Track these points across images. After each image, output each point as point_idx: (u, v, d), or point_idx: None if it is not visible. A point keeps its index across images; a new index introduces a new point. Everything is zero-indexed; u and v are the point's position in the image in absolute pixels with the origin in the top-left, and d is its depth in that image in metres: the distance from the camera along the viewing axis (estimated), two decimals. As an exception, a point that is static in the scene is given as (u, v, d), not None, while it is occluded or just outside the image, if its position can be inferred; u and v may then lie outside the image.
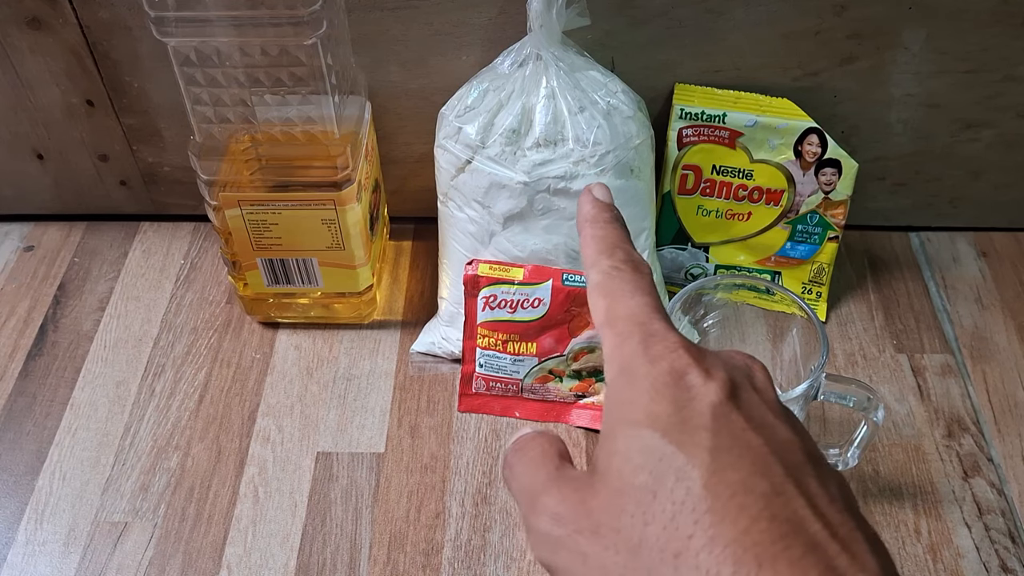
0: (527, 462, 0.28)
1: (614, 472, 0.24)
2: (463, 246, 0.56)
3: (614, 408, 0.26)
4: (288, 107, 0.51)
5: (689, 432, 0.24)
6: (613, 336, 0.27)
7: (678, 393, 0.24)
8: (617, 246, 0.29)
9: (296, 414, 0.57)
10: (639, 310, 0.27)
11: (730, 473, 0.23)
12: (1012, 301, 0.63)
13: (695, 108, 0.57)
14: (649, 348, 0.26)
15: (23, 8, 0.56)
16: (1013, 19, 0.55)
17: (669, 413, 0.24)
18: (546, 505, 0.26)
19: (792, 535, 0.22)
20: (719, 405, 0.24)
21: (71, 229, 0.69)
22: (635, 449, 0.24)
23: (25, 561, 0.50)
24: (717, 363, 0.25)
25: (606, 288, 0.28)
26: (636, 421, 0.24)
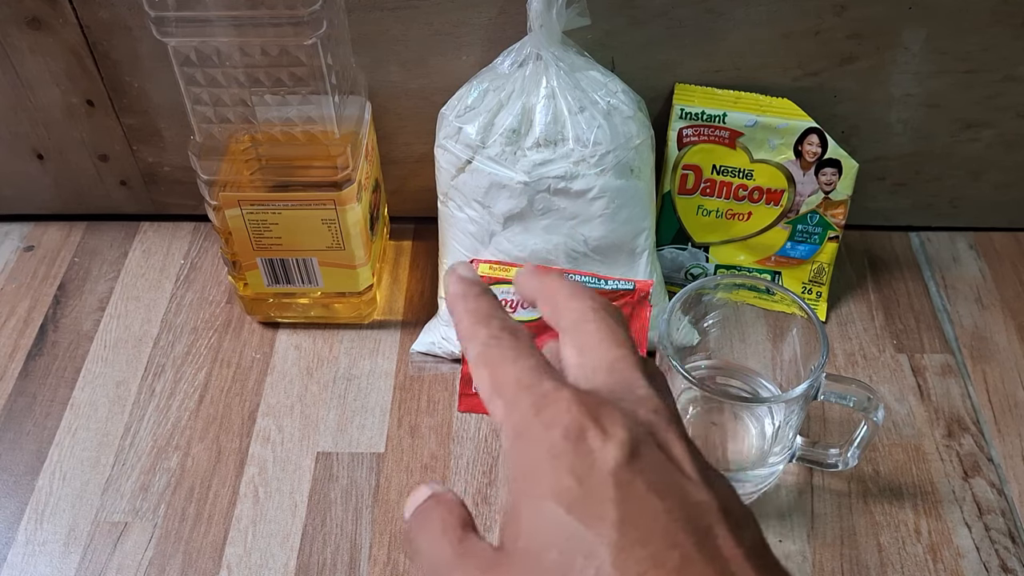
0: (428, 536, 0.27)
1: (521, 551, 0.24)
2: (463, 246, 0.56)
3: (516, 480, 0.25)
4: (288, 107, 0.51)
5: (594, 505, 0.23)
6: (502, 405, 0.26)
7: (577, 460, 0.23)
8: (492, 316, 0.28)
9: (296, 414, 0.57)
10: (524, 374, 0.26)
11: (638, 549, 0.22)
12: (1012, 301, 0.63)
13: (695, 108, 0.57)
14: (541, 412, 0.25)
15: (23, 8, 0.56)
16: (1013, 19, 0.55)
17: (571, 486, 0.23)
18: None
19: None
20: (620, 470, 0.23)
21: (71, 229, 0.69)
22: (542, 526, 0.23)
23: (25, 561, 0.50)
24: (615, 418, 0.24)
25: (487, 358, 0.27)
26: (540, 495, 0.24)
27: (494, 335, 0.27)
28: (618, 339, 0.27)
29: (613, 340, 0.27)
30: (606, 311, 0.28)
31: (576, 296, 0.29)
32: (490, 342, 0.27)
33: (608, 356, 0.27)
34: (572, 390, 0.25)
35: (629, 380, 0.26)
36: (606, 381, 0.26)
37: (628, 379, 0.26)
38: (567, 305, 0.29)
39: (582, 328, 0.28)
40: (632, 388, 0.26)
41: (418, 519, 0.27)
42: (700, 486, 0.24)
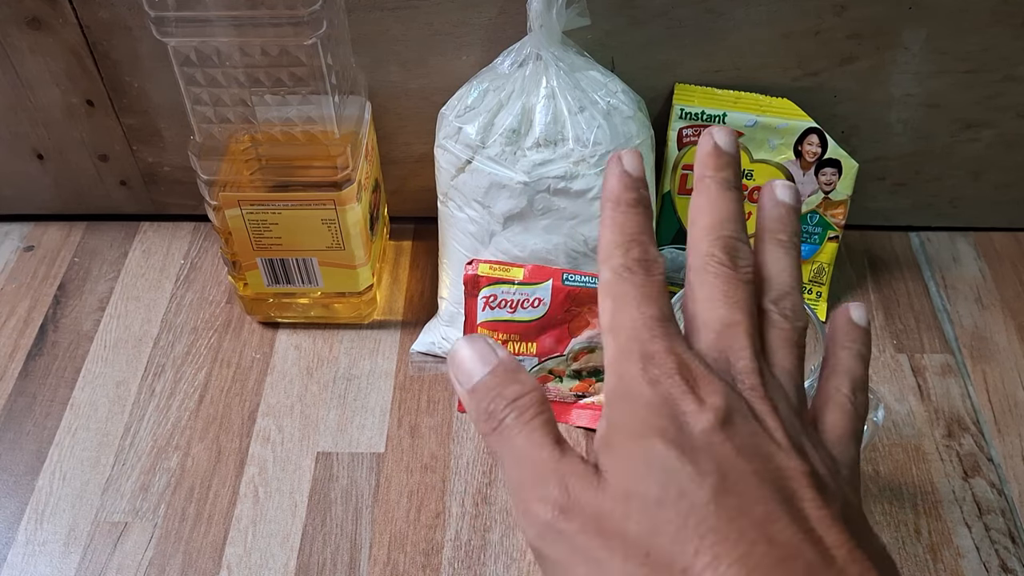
0: (529, 429, 0.26)
1: (620, 477, 0.24)
2: (463, 246, 0.56)
3: (617, 421, 0.26)
4: (288, 107, 0.51)
5: (691, 452, 0.24)
6: (615, 346, 0.27)
7: (674, 418, 0.24)
8: (634, 240, 0.28)
9: (296, 414, 0.57)
10: (642, 325, 0.26)
11: (728, 497, 0.23)
12: (1012, 301, 0.63)
13: (695, 108, 0.57)
14: (647, 370, 0.25)
15: (23, 8, 0.56)
16: (1013, 19, 0.55)
17: (671, 429, 0.24)
18: (550, 495, 0.25)
19: (790, 559, 0.22)
20: (712, 433, 0.24)
21: (71, 229, 0.69)
22: (642, 458, 0.24)
23: (25, 561, 0.50)
24: (713, 389, 0.25)
25: (614, 291, 0.27)
26: (641, 432, 0.25)
27: (628, 266, 0.27)
28: (732, 299, 0.27)
29: (727, 300, 0.27)
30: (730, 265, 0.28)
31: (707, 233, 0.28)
32: (622, 274, 0.27)
33: (720, 319, 0.27)
34: (678, 357, 0.25)
35: (735, 349, 0.27)
36: (714, 343, 0.27)
37: (734, 348, 0.27)
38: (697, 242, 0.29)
39: (703, 277, 0.28)
40: (737, 358, 0.26)
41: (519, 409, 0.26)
42: (790, 453, 0.25)
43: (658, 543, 0.23)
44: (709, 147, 0.30)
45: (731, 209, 0.29)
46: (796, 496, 0.24)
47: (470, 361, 0.28)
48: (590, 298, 0.52)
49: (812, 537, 0.23)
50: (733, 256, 0.28)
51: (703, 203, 0.29)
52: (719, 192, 0.29)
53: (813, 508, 0.23)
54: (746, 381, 0.26)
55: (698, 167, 0.30)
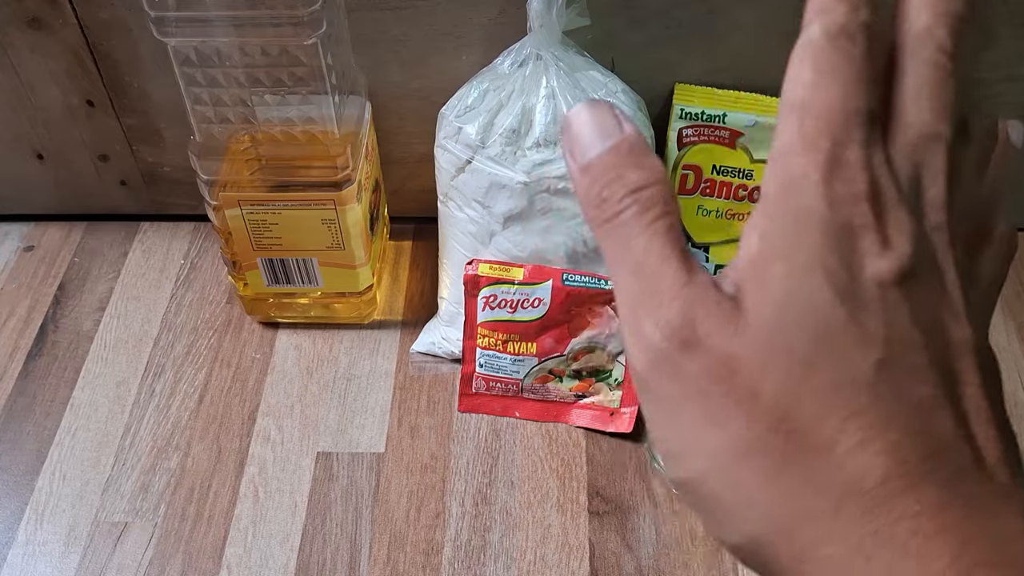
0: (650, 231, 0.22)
1: (767, 320, 0.20)
2: (463, 246, 0.56)
3: (774, 239, 0.21)
4: (288, 107, 0.51)
5: (861, 310, 0.20)
6: (797, 134, 0.21)
7: (851, 255, 0.20)
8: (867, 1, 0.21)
9: (296, 414, 0.57)
10: (843, 120, 0.21)
11: (891, 373, 0.20)
12: (1012, 301, 0.63)
13: (695, 108, 0.57)
14: (833, 183, 0.20)
15: (23, 8, 0.56)
16: (1013, 19, 0.55)
17: (842, 275, 0.20)
18: (672, 320, 0.21)
19: (940, 455, 0.20)
20: (888, 287, 0.20)
21: (71, 229, 0.69)
22: (800, 299, 0.20)
23: (25, 561, 0.50)
24: (902, 226, 0.21)
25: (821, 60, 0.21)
26: (803, 264, 0.20)
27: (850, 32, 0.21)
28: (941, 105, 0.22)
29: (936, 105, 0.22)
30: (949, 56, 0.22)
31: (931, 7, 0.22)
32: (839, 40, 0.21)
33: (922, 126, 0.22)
34: (872, 175, 0.20)
35: (932, 169, 0.22)
36: (910, 156, 0.22)
37: (930, 166, 0.22)
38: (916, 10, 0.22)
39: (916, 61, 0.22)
40: (932, 182, 0.22)
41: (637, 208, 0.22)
42: (962, 321, 0.21)
43: (798, 410, 0.20)
44: None
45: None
46: (960, 379, 0.21)
47: (589, 130, 0.23)
48: (590, 298, 0.52)
49: (967, 433, 0.20)
50: (958, 41, 0.22)
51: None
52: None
53: (975, 394, 0.21)
54: (934, 217, 0.22)
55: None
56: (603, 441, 0.55)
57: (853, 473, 0.19)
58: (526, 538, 0.51)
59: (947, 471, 0.20)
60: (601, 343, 0.54)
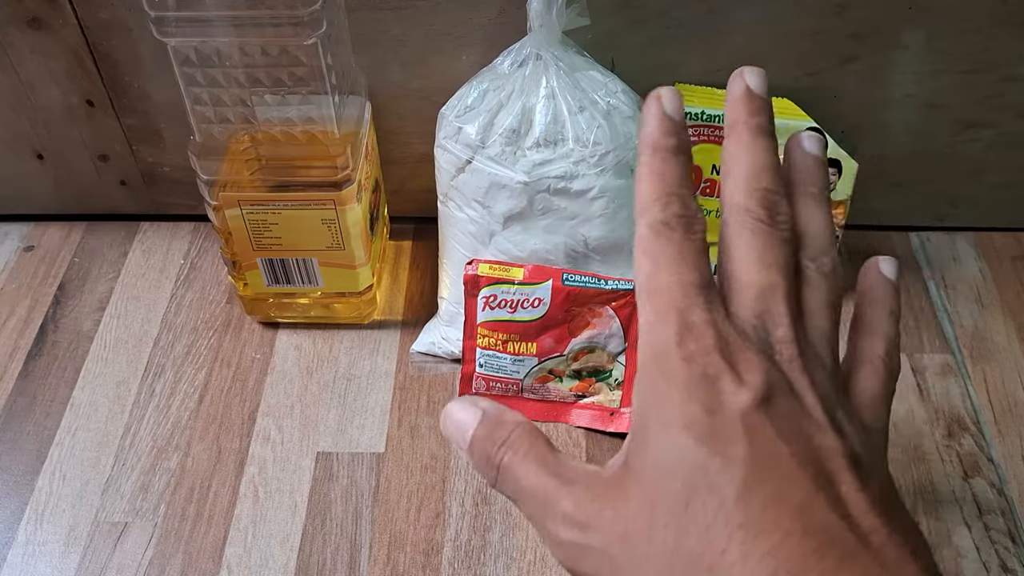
0: (526, 464, 0.26)
1: (647, 476, 0.24)
2: (463, 246, 0.56)
3: (649, 400, 0.24)
4: (288, 107, 0.51)
5: (722, 441, 0.23)
6: (650, 312, 0.25)
7: (709, 398, 0.23)
8: (673, 193, 0.26)
9: (296, 414, 0.57)
10: (680, 291, 0.24)
11: (762, 486, 0.22)
12: (1012, 301, 0.63)
13: (695, 108, 0.57)
14: (684, 343, 0.24)
15: (23, 8, 0.56)
16: (1013, 19, 0.55)
17: (702, 418, 0.23)
18: (565, 512, 0.25)
19: (825, 547, 0.22)
20: (749, 414, 0.23)
21: (71, 229, 0.69)
22: (669, 454, 0.23)
23: (25, 561, 0.50)
24: (752, 365, 0.24)
25: (651, 249, 0.25)
26: (670, 422, 0.24)
27: (666, 222, 0.25)
28: (769, 260, 0.25)
29: (763, 262, 0.26)
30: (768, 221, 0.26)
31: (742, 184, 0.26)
32: (660, 231, 0.25)
33: (758, 283, 0.25)
34: (717, 330, 0.24)
35: (773, 315, 0.25)
36: (752, 310, 0.25)
37: (772, 313, 0.25)
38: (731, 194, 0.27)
39: (740, 234, 0.26)
40: (775, 325, 0.25)
41: (510, 445, 0.27)
42: (828, 432, 0.24)
43: (688, 541, 0.22)
44: (741, 91, 0.28)
45: (767, 158, 0.27)
46: (834, 479, 0.23)
47: (457, 423, 0.29)
48: (590, 298, 0.52)
49: (850, 523, 0.22)
50: (771, 211, 0.26)
51: (737, 151, 0.27)
52: (752, 139, 0.27)
53: (851, 490, 0.23)
54: (784, 352, 0.25)
55: (730, 112, 0.28)
56: (603, 441, 0.55)
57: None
58: (526, 538, 0.51)
59: (833, 559, 0.21)
60: (601, 343, 0.54)
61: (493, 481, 0.27)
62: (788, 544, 0.22)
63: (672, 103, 0.27)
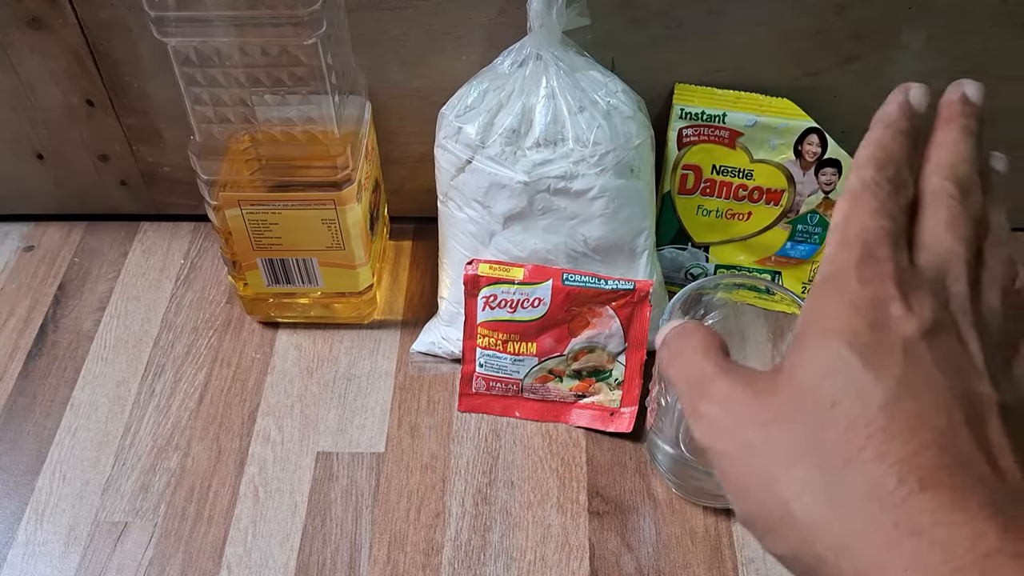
0: (692, 349, 0.29)
1: (800, 375, 0.25)
2: (463, 246, 0.56)
3: (814, 313, 0.26)
4: (288, 107, 0.51)
5: (880, 356, 0.24)
6: (837, 242, 0.27)
7: (877, 317, 0.25)
8: (893, 161, 0.28)
9: (296, 414, 0.57)
10: (873, 231, 0.26)
11: (909, 402, 0.23)
12: (1012, 301, 0.63)
13: (695, 108, 0.57)
14: (863, 268, 0.26)
15: (23, 8, 0.56)
16: (1013, 19, 0.55)
17: (865, 332, 0.24)
18: (718, 392, 0.27)
19: (958, 467, 0.22)
20: (911, 341, 0.24)
21: (71, 229, 0.69)
22: (825, 358, 0.25)
23: (25, 561, 0.50)
24: (924, 301, 0.25)
25: (856, 196, 0.27)
26: (832, 331, 0.25)
27: (878, 180, 0.27)
28: (958, 232, 0.27)
29: (952, 230, 0.27)
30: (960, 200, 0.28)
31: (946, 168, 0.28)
32: (870, 184, 0.27)
33: (942, 244, 0.27)
34: (900, 266, 0.26)
35: (952, 272, 0.26)
36: (933, 263, 0.26)
37: (951, 271, 0.26)
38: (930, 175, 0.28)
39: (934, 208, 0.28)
40: (953, 280, 0.26)
41: (681, 332, 0.30)
42: (986, 380, 0.25)
43: (824, 437, 0.24)
44: (959, 94, 0.30)
45: (970, 154, 0.29)
46: (984, 420, 0.24)
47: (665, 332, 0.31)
48: (590, 298, 0.52)
49: (988, 457, 0.23)
50: (964, 192, 0.28)
51: (944, 141, 0.29)
52: (962, 136, 0.29)
53: (997, 435, 0.23)
54: (959, 303, 0.26)
55: (944, 111, 0.30)
56: (603, 441, 0.55)
57: (875, 479, 0.23)
58: (526, 538, 0.51)
59: (964, 478, 0.22)
60: (601, 343, 0.54)
61: (667, 364, 0.30)
62: (924, 455, 0.22)
63: (919, 96, 0.30)
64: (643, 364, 0.55)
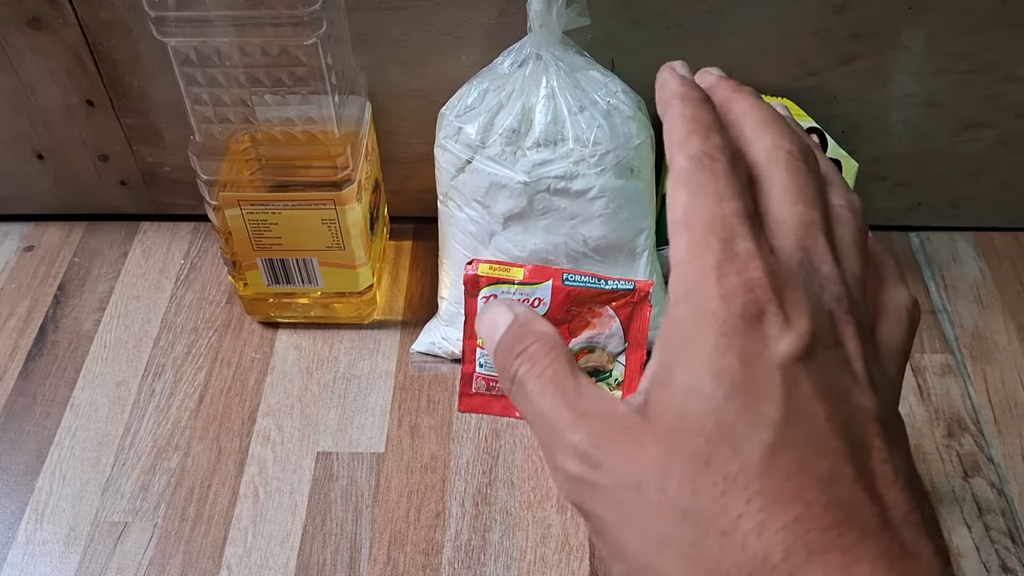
0: (541, 383, 0.25)
1: (667, 424, 0.22)
2: (463, 246, 0.56)
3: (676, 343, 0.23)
4: (288, 107, 0.51)
5: (755, 397, 0.21)
6: (687, 244, 0.23)
7: (748, 345, 0.21)
8: (712, 128, 0.25)
9: (296, 414, 0.57)
10: (722, 219, 0.22)
11: (789, 452, 0.21)
12: (1012, 301, 0.63)
13: (695, 108, 0.57)
14: (724, 277, 0.22)
15: (23, 8, 0.56)
16: (1013, 19, 0.55)
17: (735, 369, 0.21)
18: (579, 443, 0.23)
19: (846, 522, 0.20)
20: (790, 366, 0.21)
21: (71, 229, 0.69)
22: (694, 406, 0.22)
23: (25, 561, 0.50)
24: (800, 304, 0.22)
25: (690, 179, 0.23)
26: (699, 372, 0.22)
27: (709, 152, 0.24)
28: (808, 197, 0.24)
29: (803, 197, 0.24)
30: (800, 158, 0.25)
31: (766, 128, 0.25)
32: (703, 160, 0.24)
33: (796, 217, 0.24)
34: (765, 260, 0.22)
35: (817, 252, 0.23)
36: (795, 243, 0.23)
37: (816, 250, 0.23)
38: (756, 136, 0.25)
39: (772, 172, 0.25)
40: (819, 262, 0.23)
41: (528, 358, 0.25)
42: (866, 389, 0.22)
43: (699, 505, 0.21)
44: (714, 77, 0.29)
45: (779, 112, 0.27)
46: (865, 446, 0.22)
47: (490, 324, 0.27)
48: (590, 298, 0.52)
49: (873, 496, 0.21)
50: (803, 149, 0.25)
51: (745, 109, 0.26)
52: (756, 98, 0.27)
53: (879, 461, 0.22)
54: (832, 290, 0.23)
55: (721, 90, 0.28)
56: (603, 441, 0.55)
57: (757, 553, 0.20)
58: (526, 538, 0.51)
59: (853, 534, 0.20)
60: (601, 343, 0.54)
61: (508, 392, 0.26)
62: (808, 517, 0.20)
63: (684, 68, 0.28)
64: (643, 364, 0.55)
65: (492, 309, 0.27)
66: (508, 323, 0.26)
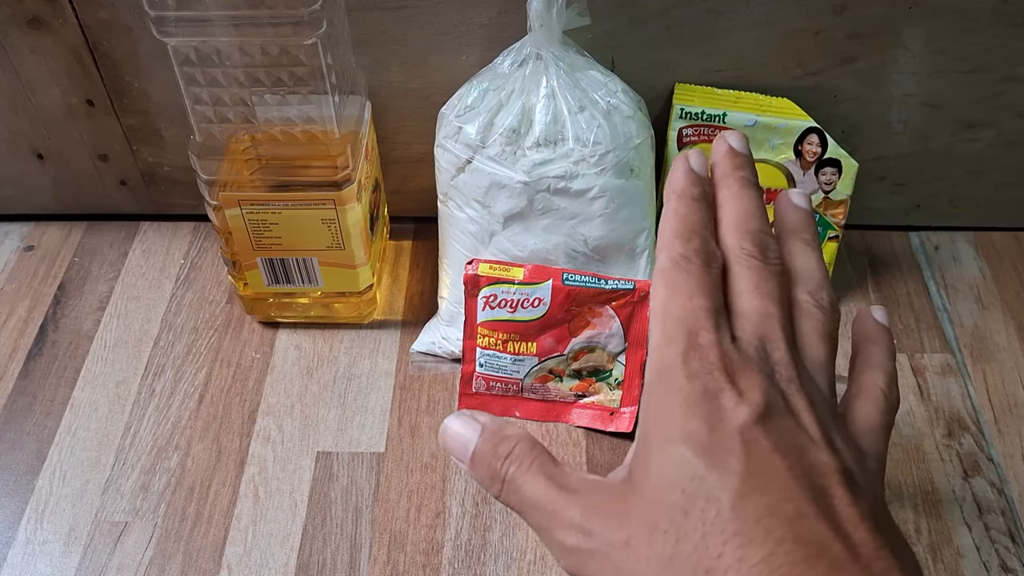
0: (531, 476, 0.28)
1: (649, 486, 0.25)
2: (463, 246, 0.56)
3: (652, 417, 0.26)
4: (288, 107, 0.51)
5: (721, 454, 0.24)
6: (661, 334, 0.27)
7: (710, 413, 0.25)
8: (695, 232, 0.29)
9: (296, 414, 0.57)
10: (692, 315, 0.27)
11: (757, 497, 0.24)
12: (1012, 301, 0.63)
13: (695, 108, 0.57)
14: (688, 362, 0.26)
15: (23, 8, 0.56)
16: (1013, 19, 0.55)
17: (702, 432, 0.25)
18: (572, 518, 0.26)
19: (815, 556, 0.23)
20: (748, 429, 0.25)
21: (71, 229, 0.69)
22: (670, 465, 0.25)
23: (25, 561, 0.50)
24: (753, 383, 0.25)
25: (669, 279, 0.28)
26: (672, 436, 0.25)
27: (687, 255, 0.28)
28: (765, 291, 0.28)
29: (760, 292, 0.28)
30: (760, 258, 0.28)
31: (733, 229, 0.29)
32: (680, 263, 0.28)
33: (756, 309, 0.28)
34: (724, 351, 0.26)
35: (771, 339, 0.27)
36: (753, 333, 0.27)
37: (770, 338, 0.27)
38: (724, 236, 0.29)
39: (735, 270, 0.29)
40: (773, 348, 0.27)
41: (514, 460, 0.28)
42: (823, 449, 0.25)
43: (682, 551, 0.24)
44: (724, 149, 0.31)
45: (755, 205, 0.30)
46: (827, 492, 0.24)
47: (458, 437, 0.29)
48: (590, 298, 0.52)
49: (840, 533, 0.23)
50: (763, 249, 0.29)
51: (727, 199, 0.30)
52: (740, 189, 0.30)
53: (843, 505, 0.24)
54: (783, 372, 0.27)
55: (717, 169, 0.31)
56: (603, 441, 0.55)
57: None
58: (526, 538, 0.51)
59: (822, 568, 0.23)
60: (601, 343, 0.54)
61: (498, 493, 0.29)
62: (780, 552, 0.23)
63: (698, 161, 0.31)
64: (643, 364, 0.55)
65: (454, 423, 0.30)
66: (478, 433, 0.29)
